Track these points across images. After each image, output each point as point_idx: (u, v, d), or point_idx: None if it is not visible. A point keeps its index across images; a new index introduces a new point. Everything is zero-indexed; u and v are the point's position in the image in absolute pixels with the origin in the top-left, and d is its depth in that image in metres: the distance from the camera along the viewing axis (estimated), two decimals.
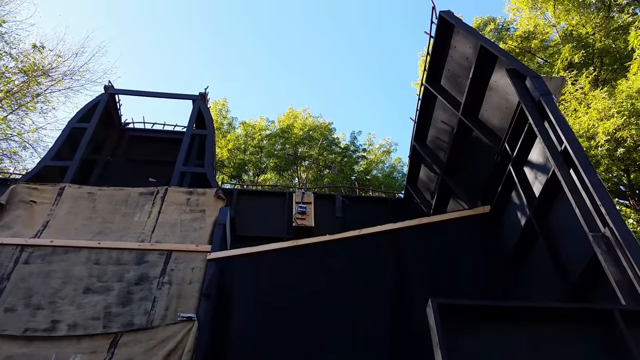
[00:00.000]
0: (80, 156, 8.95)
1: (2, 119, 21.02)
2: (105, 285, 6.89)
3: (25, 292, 6.79)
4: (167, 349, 6.06)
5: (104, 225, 7.80)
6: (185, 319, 6.38)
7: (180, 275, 7.03)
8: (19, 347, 6.22)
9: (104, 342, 6.28)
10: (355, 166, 26.08)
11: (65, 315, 6.59)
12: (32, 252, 7.24)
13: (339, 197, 9.75)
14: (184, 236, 7.67)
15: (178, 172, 8.94)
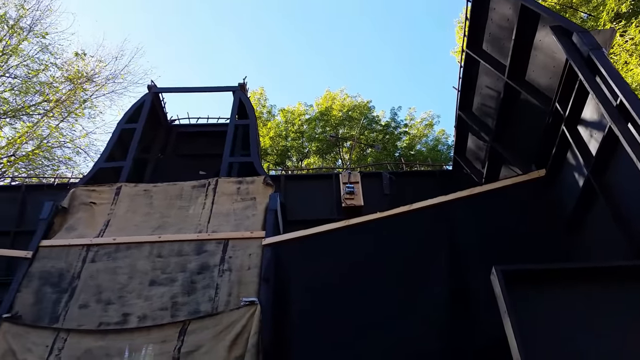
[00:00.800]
0: (132, 156, 9.30)
1: (55, 127, 22.07)
2: (170, 277, 7.18)
3: (95, 288, 7.16)
4: (234, 333, 6.28)
5: (162, 219, 8.10)
6: (248, 303, 6.58)
7: (239, 262, 7.23)
8: (95, 340, 6.60)
9: (173, 330, 6.57)
10: (398, 142, 25.80)
11: (135, 308, 6.92)
12: (97, 250, 7.61)
13: (386, 174, 9.69)
14: (238, 224, 7.86)
15: (226, 163, 9.13)
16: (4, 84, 20.57)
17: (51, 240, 7.79)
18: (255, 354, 6.01)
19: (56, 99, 21.20)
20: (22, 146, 21.37)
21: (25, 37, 20.62)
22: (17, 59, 20.58)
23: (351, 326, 6.10)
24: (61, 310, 6.94)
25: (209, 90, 10.98)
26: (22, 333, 6.63)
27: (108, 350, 6.46)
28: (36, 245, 7.68)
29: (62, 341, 6.55)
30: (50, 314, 6.92)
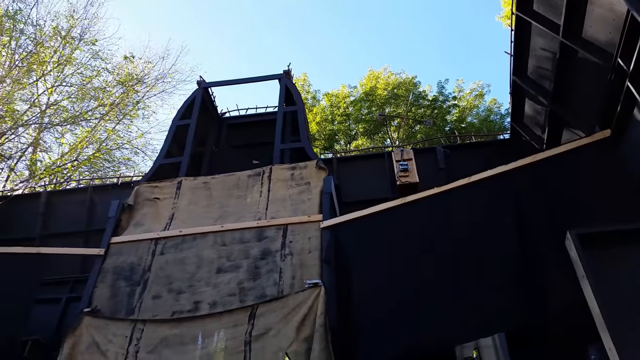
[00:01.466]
0: (189, 151, 9.60)
1: (112, 130, 23.03)
2: (235, 264, 7.40)
3: (166, 279, 7.49)
4: (301, 314, 6.41)
5: (222, 209, 8.34)
6: (312, 285, 6.69)
7: (299, 246, 7.35)
8: (170, 328, 6.91)
9: (243, 315, 6.78)
10: (448, 116, 25.18)
11: (204, 295, 7.19)
12: (165, 243, 7.94)
13: (440, 148, 9.50)
14: (295, 209, 7.98)
15: (278, 150, 9.25)
16: (62, 92, 21.64)
17: (121, 236, 8.19)
18: (324, 334, 6.10)
19: (110, 103, 22.09)
20: (84, 151, 22.49)
21: (76, 46, 21.55)
22: (71, 67, 21.57)
23: (416, 301, 6.07)
24: (136, 302, 7.31)
25: (255, 80, 11.12)
26: (102, 325, 7.04)
27: (183, 337, 6.76)
28: (107, 242, 8.10)
29: (139, 331, 6.91)
30: (126, 306, 7.31)
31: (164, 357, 6.60)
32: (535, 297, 5.65)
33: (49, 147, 22.35)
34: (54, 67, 21.01)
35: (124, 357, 6.69)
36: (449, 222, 6.55)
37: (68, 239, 9.67)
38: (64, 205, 10.32)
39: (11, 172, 21.35)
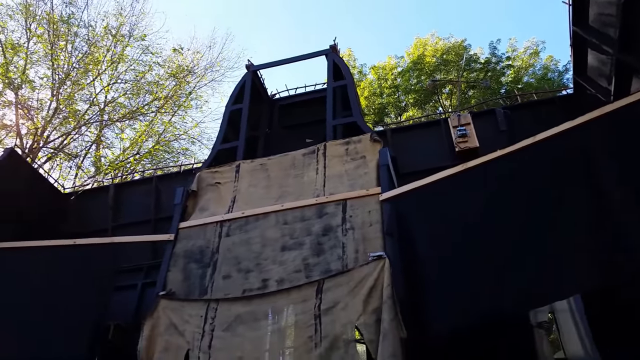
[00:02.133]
0: (244, 135, 9.77)
1: (168, 122, 23.83)
2: (298, 241, 7.53)
3: (234, 260, 7.74)
4: (368, 287, 6.45)
5: (281, 189, 8.47)
6: (375, 258, 6.70)
7: (360, 220, 7.36)
8: (242, 306, 7.15)
9: (310, 290, 6.91)
10: (502, 78, 24.14)
11: (272, 273, 7.38)
12: (230, 225, 8.18)
13: (499, 109, 9.11)
14: (352, 184, 7.97)
15: (330, 127, 9.23)
16: (118, 90, 22.57)
17: (188, 221, 8.52)
18: (392, 305, 6.12)
19: (164, 96, 22.82)
20: (144, 144, 23.46)
21: (127, 43, 22.31)
22: (124, 64, 22.41)
23: (485, 267, 5.93)
24: (208, 283, 7.61)
25: (302, 59, 11.09)
26: (178, 307, 7.39)
27: (255, 314, 6.99)
28: (176, 227, 8.45)
29: (213, 310, 7.20)
30: (199, 287, 7.63)
31: (239, 333, 6.86)
32: (612, 258, 5.39)
33: (111, 143, 23.46)
34: (108, 66, 21.90)
35: (200, 335, 7.00)
36: (515, 185, 6.31)
37: (138, 228, 10.16)
38: (131, 196, 10.84)
39: (79, 170, 22.63)
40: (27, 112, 19.70)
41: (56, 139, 20.88)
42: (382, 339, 5.82)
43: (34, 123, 19.66)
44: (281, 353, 6.60)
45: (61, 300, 7.60)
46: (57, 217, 10.92)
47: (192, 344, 6.94)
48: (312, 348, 6.36)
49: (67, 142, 21.55)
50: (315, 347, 6.34)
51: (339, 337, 6.27)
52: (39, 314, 7.48)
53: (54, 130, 20.54)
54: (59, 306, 7.54)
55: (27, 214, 10.05)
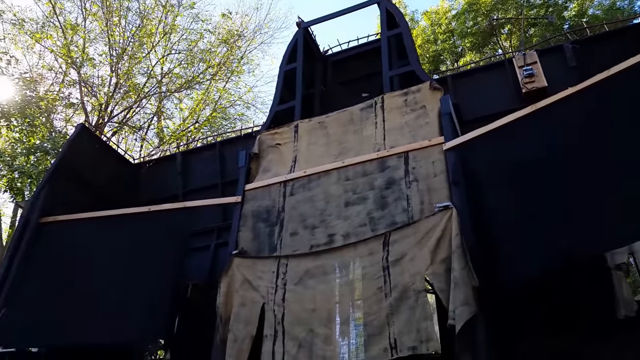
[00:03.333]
0: (300, 94, 9.77)
1: (223, 89, 24.22)
2: (361, 196, 7.56)
3: (299, 217, 7.91)
4: (435, 237, 6.42)
5: (341, 146, 8.47)
6: (442, 208, 6.63)
7: (424, 172, 7.26)
8: (311, 261, 7.36)
9: (377, 243, 6.98)
10: (565, 13, 22.45)
11: (337, 228, 7.50)
12: (293, 185, 8.33)
13: (567, 45, 8.50)
14: (414, 135, 7.83)
15: (387, 78, 9.02)
16: (173, 61, 23.05)
17: (253, 183, 8.75)
18: (462, 254, 6.08)
19: (217, 63, 23.09)
20: (202, 112, 24.05)
21: (177, 12, 22.56)
22: (176, 34, 22.76)
23: (557, 209, 5.72)
24: (276, 241, 7.86)
25: (353, 10, 10.78)
26: (250, 264, 7.71)
27: (324, 267, 7.18)
28: (242, 190, 8.71)
29: (284, 266, 7.46)
30: (268, 245, 7.90)
31: (310, 286, 7.09)
32: None
33: (171, 114, 24.23)
34: (161, 37, 22.34)
35: (274, 290, 7.30)
36: (590, 123, 5.97)
37: (206, 192, 10.55)
38: (197, 163, 11.23)
39: (143, 142, 23.64)
40: (90, 89, 20.62)
41: (119, 113, 21.83)
42: (454, 288, 5.83)
43: (97, 99, 20.58)
44: (351, 304, 6.77)
45: (141, 265, 8.13)
46: (130, 187, 11.55)
47: (267, 297, 7.26)
48: (382, 298, 6.48)
49: (129, 115, 22.49)
50: (385, 297, 6.45)
51: (408, 288, 6.34)
52: (121, 279, 8.06)
53: (116, 105, 21.44)
54: (140, 270, 8.08)
55: (101, 186, 10.69)
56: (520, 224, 5.87)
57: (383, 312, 6.36)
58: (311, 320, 6.81)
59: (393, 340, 6.09)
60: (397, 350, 6.00)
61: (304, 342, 6.67)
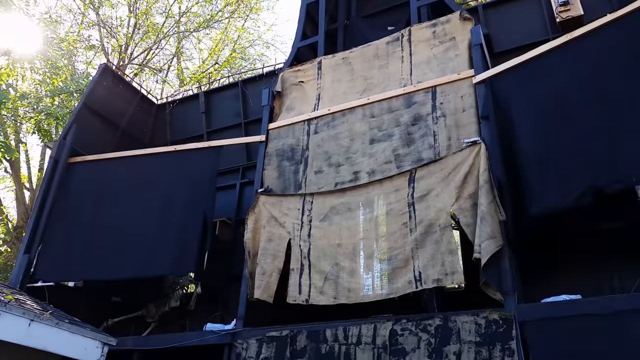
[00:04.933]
0: (322, 28, 9.47)
1: (242, 28, 23.69)
2: (386, 133, 7.46)
3: (324, 155, 7.89)
4: (462, 173, 6.36)
5: (366, 82, 8.27)
6: (470, 143, 6.51)
7: (452, 107, 7.09)
8: (336, 198, 7.42)
9: (402, 180, 6.96)
10: None
11: (362, 165, 7.47)
12: (317, 122, 8.25)
13: None
14: (442, 69, 7.58)
15: (414, 8, 8.65)
16: None
17: (276, 122, 8.70)
18: (489, 189, 6.03)
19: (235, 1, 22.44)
20: (221, 53, 23.69)
21: None
22: None
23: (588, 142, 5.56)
24: (301, 179, 7.90)
25: None
26: (276, 202, 7.81)
27: (349, 204, 7.24)
28: (266, 129, 8.69)
29: (309, 204, 7.54)
30: (293, 183, 7.95)
31: (335, 222, 7.19)
32: None
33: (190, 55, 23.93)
34: None
35: (299, 226, 7.43)
36: (628, 53, 5.67)
37: (230, 132, 10.55)
38: (220, 102, 11.14)
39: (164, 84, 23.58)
40: (110, 30, 20.39)
41: (139, 55, 21.66)
42: (480, 222, 5.83)
43: (117, 41, 20.40)
44: (376, 239, 6.86)
45: (170, 202, 8.31)
46: (154, 128, 11.62)
47: (293, 233, 7.40)
48: (407, 233, 6.54)
49: (149, 57, 22.32)
50: (410, 232, 6.51)
51: (434, 223, 6.37)
52: (151, 216, 8.27)
53: (135, 46, 21.25)
54: (169, 207, 8.27)
55: (126, 126, 10.79)
56: (550, 159, 5.74)
57: (408, 246, 6.43)
58: (336, 254, 6.95)
59: (418, 273, 6.20)
60: (422, 283, 6.11)
61: (330, 275, 6.84)
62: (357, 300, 6.54)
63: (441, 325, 5.60)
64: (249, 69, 22.77)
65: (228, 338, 6.85)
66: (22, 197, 16.90)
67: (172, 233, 7.97)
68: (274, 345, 6.46)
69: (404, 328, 5.82)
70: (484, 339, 5.29)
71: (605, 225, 6.15)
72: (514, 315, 5.25)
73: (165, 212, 8.26)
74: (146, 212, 8.36)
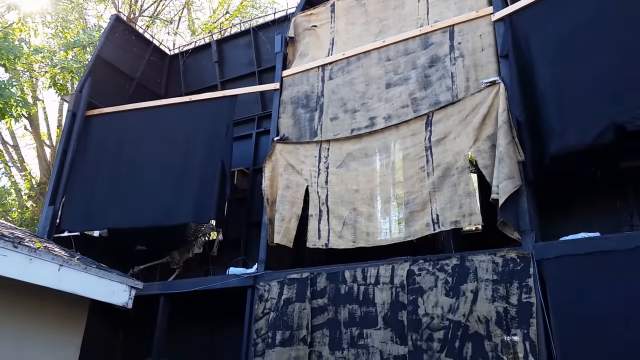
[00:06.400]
0: None
1: None
2: (402, 76, 7.33)
3: (339, 102, 7.81)
4: (481, 114, 6.26)
5: (381, 24, 8.05)
6: (489, 84, 6.38)
7: (470, 46, 6.89)
8: (353, 144, 7.40)
9: (419, 124, 6.90)
10: None
11: (378, 110, 7.39)
12: (331, 68, 8.12)
13: None
14: (460, 7, 7.32)
15: None
16: None
17: (290, 69, 8.58)
18: (508, 130, 5.96)
19: None
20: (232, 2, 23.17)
21: None
22: None
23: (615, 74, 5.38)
24: (317, 126, 7.87)
25: None
26: (292, 150, 7.84)
27: (366, 150, 7.23)
28: (280, 76, 8.59)
29: (325, 150, 7.55)
30: (309, 130, 7.93)
31: (352, 168, 7.21)
32: None
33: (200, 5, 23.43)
34: None
35: (317, 173, 7.47)
36: None
37: (243, 81, 10.44)
38: (232, 50, 10.97)
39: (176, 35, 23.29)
40: None
41: (149, 6, 21.31)
42: (498, 163, 5.79)
43: None
44: (393, 184, 6.88)
45: (189, 151, 8.38)
46: (168, 79, 11.59)
47: (310, 180, 7.46)
48: (424, 177, 6.55)
49: (160, 9, 21.96)
50: (427, 176, 6.51)
51: (451, 166, 6.35)
52: (170, 166, 8.38)
53: None
54: (188, 156, 8.35)
55: (140, 78, 10.78)
56: (571, 96, 5.60)
57: (425, 190, 6.45)
58: (354, 199, 7.01)
59: (435, 215, 6.24)
60: (440, 225, 6.17)
61: (348, 220, 6.93)
62: (375, 244, 6.64)
63: (458, 265, 5.69)
64: (260, 19, 22.30)
65: (250, 281, 7.07)
66: (43, 153, 17.23)
67: (191, 182, 8.09)
68: (295, 287, 6.66)
69: (421, 268, 5.93)
70: (501, 277, 5.37)
71: (626, 163, 6.05)
72: (531, 253, 5.29)
73: (184, 162, 8.35)
74: (165, 163, 8.47)
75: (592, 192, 6.28)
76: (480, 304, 5.35)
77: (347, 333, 6.07)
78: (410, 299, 5.81)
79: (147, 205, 8.19)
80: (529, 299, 5.12)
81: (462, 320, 5.39)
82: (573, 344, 4.75)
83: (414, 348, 5.54)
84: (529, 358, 4.92)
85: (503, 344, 5.08)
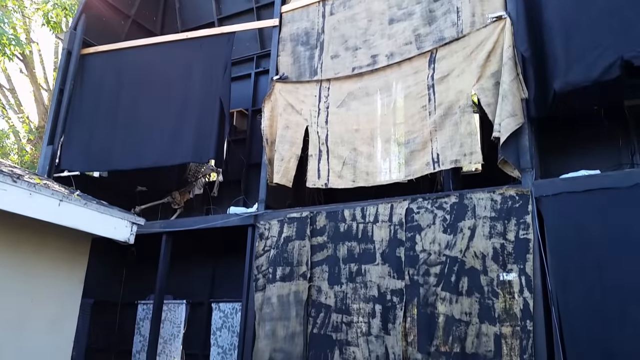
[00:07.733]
0: None
1: None
2: (406, 11, 7.07)
3: (340, 39, 7.59)
4: (486, 50, 6.09)
5: None
6: (495, 19, 6.16)
7: None
8: (354, 83, 7.25)
9: (422, 61, 6.72)
10: None
11: (380, 48, 7.19)
12: (332, 3, 7.83)
13: None
14: None
15: None
16: None
17: (289, 4, 8.28)
18: (513, 66, 5.82)
19: None
20: None
21: None
22: None
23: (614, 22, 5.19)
24: (317, 64, 7.69)
25: None
26: (292, 89, 7.69)
27: (367, 89, 7.09)
28: (279, 12, 8.30)
29: (326, 90, 7.41)
30: (309, 69, 7.76)
31: (352, 108, 7.10)
32: None
33: None
34: None
35: (317, 112, 7.37)
36: None
37: (241, 18, 10.09)
38: None
39: None
40: None
41: None
42: (501, 100, 5.69)
43: None
44: (394, 123, 6.79)
45: (187, 91, 8.24)
46: (164, 15, 11.26)
47: (310, 120, 7.37)
48: (425, 116, 6.45)
49: None
50: (429, 115, 6.42)
51: (454, 104, 6.24)
52: (169, 105, 8.26)
53: None
54: (186, 96, 8.21)
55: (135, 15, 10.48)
56: (577, 31, 5.42)
57: (426, 129, 6.37)
58: (354, 139, 6.95)
59: (436, 155, 6.20)
60: (440, 164, 6.14)
61: (348, 160, 6.90)
62: (375, 183, 6.64)
63: (457, 203, 5.71)
64: None
65: (251, 220, 7.13)
66: (40, 97, 16.98)
67: (190, 121, 8.00)
68: (295, 226, 6.73)
69: (419, 206, 5.96)
70: (499, 214, 5.40)
71: (630, 101, 5.94)
72: (530, 190, 5.29)
73: (183, 101, 8.23)
74: (163, 102, 8.36)
75: (594, 131, 6.20)
76: (477, 240, 5.42)
77: (346, 269, 6.19)
78: (408, 236, 5.88)
79: (147, 146, 8.15)
80: (526, 236, 5.18)
81: (459, 255, 5.47)
82: (569, 279, 4.84)
83: (410, 282, 5.67)
84: (525, 292, 5.03)
85: (499, 278, 5.17)
